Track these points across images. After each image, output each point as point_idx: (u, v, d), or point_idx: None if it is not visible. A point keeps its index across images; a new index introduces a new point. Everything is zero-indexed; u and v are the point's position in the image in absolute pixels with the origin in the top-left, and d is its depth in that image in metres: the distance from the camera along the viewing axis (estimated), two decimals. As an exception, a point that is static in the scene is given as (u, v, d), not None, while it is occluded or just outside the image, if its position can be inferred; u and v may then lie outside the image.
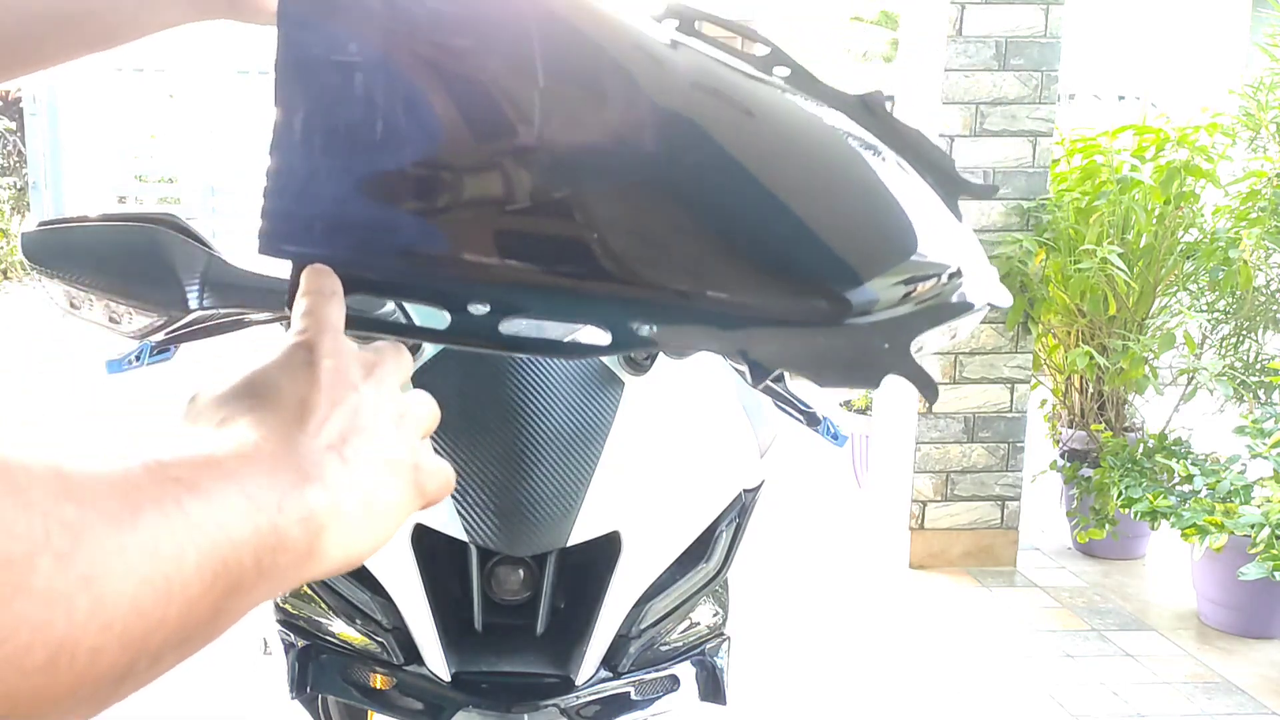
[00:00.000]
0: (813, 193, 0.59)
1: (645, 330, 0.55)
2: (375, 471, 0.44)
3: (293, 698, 0.99)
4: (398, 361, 0.50)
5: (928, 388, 0.59)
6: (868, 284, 0.58)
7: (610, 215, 0.53)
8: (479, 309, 0.53)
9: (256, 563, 0.38)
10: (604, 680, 0.95)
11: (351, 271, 0.51)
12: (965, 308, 0.62)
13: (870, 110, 0.65)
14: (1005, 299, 0.65)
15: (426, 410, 0.50)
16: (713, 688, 1.03)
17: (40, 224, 0.88)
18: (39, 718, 0.33)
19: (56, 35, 0.59)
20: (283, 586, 0.40)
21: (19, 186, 8.36)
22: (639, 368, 0.95)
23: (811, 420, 1.10)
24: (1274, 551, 2.53)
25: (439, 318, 0.53)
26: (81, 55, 0.61)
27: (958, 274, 0.62)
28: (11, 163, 8.52)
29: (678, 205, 0.55)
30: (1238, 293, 3.27)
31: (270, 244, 0.51)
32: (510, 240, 0.53)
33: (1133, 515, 3.01)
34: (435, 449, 0.92)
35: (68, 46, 0.60)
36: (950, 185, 0.67)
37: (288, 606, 1.00)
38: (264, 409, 0.43)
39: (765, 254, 0.56)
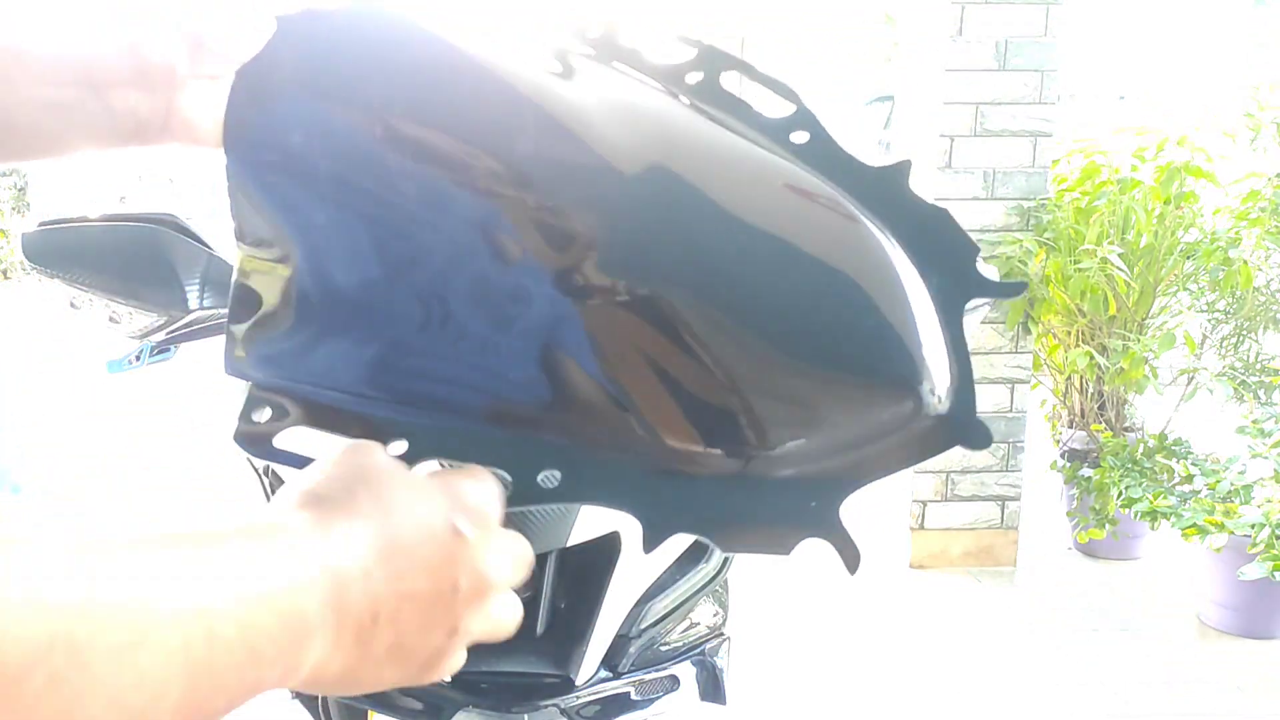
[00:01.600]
0: (768, 328, 0.51)
1: (549, 482, 0.52)
2: (383, 658, 0.44)
3: (292, 698, 0.99)
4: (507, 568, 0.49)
5: (851, 555, 0.52)
6: (805, 433, 0.51)
7: (534, 347, 0.51)
8: (398, 448, 0.52)
9: (240, 684, 0.39)
10: (604, 680, 0.95)
11: (305, 402, 0.52)
12: (916, 458, 0.54)
13: (892, 184, 0.56)
14: (984, 439, 0.55)
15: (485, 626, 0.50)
16: (713, 688, 1.03)
17: (40, 224, 0.88)
18: None
19: None
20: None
21: (19, 186, 8.36)
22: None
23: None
24: (1274, 551, 2.53)
25: None
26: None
27: (925, 416, 0.53)
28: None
29: (615, 331, 0.51)
30: (1238, 293, 3.27)
31: (234, 368, 0.52)
32: (430, 375, 0.52)
33: (1133, 515, 3.00)
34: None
35: None
36: (966, 285, 0.55)
37: (288, 606, 1.00)
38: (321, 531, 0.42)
39: (690, 391, 0.51)
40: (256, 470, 1.00)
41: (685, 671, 1.02)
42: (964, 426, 0.55)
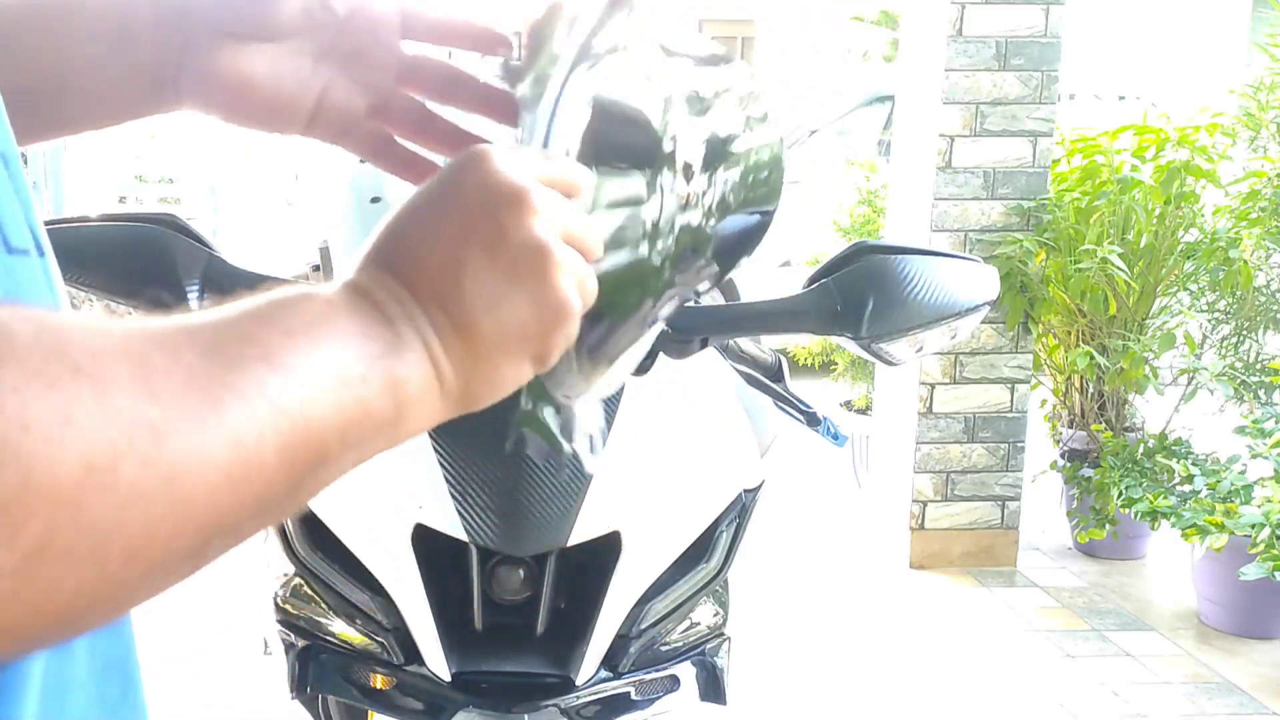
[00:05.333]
0: None
1: None
2: (493, 351, 0.42)
3: (293, 698, 0.99)
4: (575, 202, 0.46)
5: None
6: None
7: None
8: None
9: (342, 438, 0.37)
10: (604, 680, 0.95)
11: None
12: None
13: None
14: None
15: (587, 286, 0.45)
16: (713, 688, 1.03)
17: (44, 222, 0.88)
18: (114, 604, 0.33)
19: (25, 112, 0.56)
20: (370, 455, 0.39)
21: (19, 186, 8.34)
22: (640, 368, 0.95)
23: (812, 420, 1.10)
24: (1274, 551, 2.53)
25: None
26: (49, 137, 0.60)
27: None
28: (11, 163, 8.50)
29: None
30: (1238, 293, 3.27)
31: None
32: None
33: (1133, 515, 3.00)
34: (435, 449, 0.92)
35: (35, 128, 0.58)
36: None
37: (288, 606, 1.00)
38: (393, 251, 0.42)
39: None
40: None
41: (685, 671, 1.02)
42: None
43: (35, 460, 0.29)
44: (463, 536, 0.88)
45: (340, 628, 0.98)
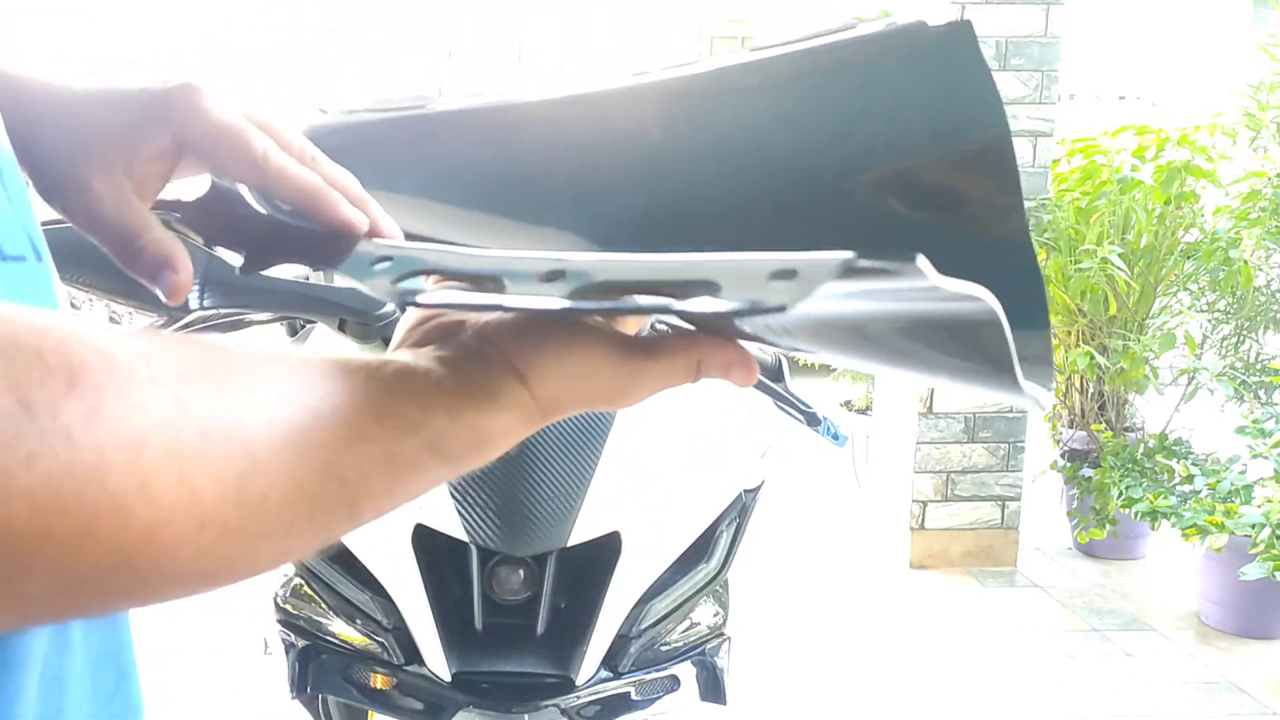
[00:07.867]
0: None
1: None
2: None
3: (293, 698, 0.99)
4: None
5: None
6: None
7: None
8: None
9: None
10: (604, 680, 0.95)
11: None
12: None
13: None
14: None
15: None
16: (713, 688, 1.03)
17: (41, 224, 0.88)
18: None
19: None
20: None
21: (19, 187, 8.36)
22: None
23: (812, 420, 1.10)
24: (1274, 551, 2.53)
25: None
26: None
27: None
28: (12, 163, 8.52)
29: None
30: (1238, 293, 3.27)
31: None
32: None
33: (1133, 515, 3.00)
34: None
35: None
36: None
37: (288, 606, 1.00)
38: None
39: None
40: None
41: (685, 671, 1.02)
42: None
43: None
44: (463, 536, 0.89)
45: (340, 628, 0.98)
